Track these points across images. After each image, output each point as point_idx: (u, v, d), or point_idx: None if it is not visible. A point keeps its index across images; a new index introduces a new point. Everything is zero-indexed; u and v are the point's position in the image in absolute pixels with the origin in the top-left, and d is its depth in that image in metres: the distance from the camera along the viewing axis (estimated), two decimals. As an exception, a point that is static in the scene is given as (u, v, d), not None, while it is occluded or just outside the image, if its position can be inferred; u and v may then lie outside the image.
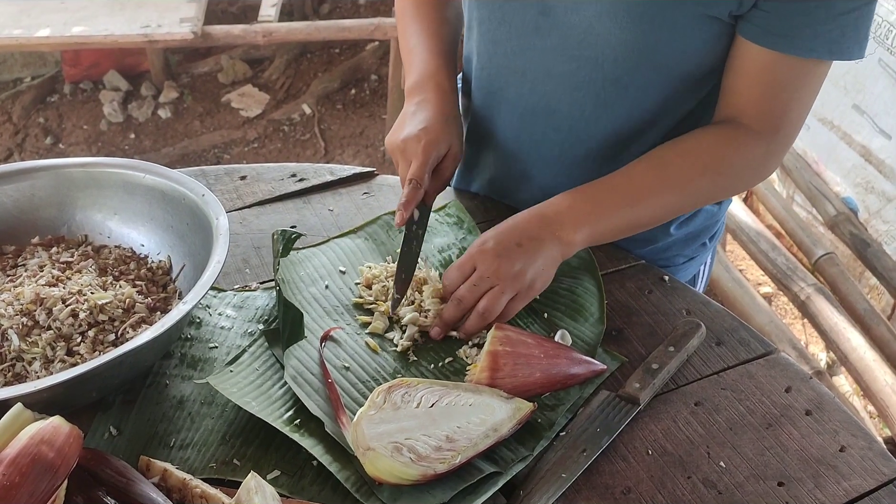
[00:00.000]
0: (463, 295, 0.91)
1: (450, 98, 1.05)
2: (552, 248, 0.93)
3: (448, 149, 1.00)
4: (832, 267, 2.27)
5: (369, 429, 0.77)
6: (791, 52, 0.90)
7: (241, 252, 1.07)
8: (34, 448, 0.65)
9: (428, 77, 1.05)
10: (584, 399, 0.88)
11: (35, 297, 0.87)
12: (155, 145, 3.44)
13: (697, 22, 0.91)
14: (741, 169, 1.00)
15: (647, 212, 0.99)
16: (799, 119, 0.98)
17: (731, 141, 0.98)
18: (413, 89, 1.05)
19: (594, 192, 0.97)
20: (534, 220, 0.95)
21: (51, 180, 1.01)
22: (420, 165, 0.96)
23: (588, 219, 0.96)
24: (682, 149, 0.99)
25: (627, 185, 0.98)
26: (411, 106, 1.03)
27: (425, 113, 1.01)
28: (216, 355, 0.91)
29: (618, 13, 0.92)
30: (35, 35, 2.88)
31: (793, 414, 0.88)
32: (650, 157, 0.99)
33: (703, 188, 1.00)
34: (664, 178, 0.98)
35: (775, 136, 0.98)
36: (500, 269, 0.90)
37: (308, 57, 3.89)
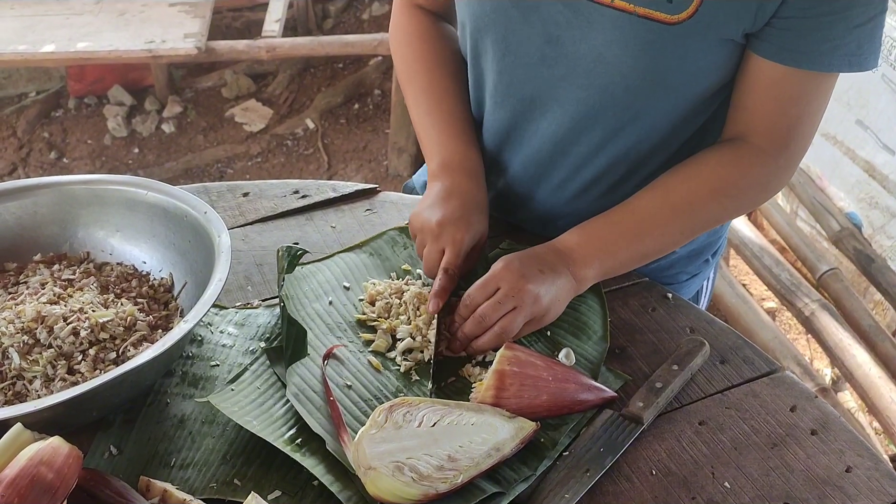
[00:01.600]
0: (486, 313, 0.91)
1: (481, 185, 1.04)
2: (567, 282, 0.94)
3: (479, 237, 1.00)
4: (836, 282, 2.26)
5: (371, 448, 0.77)
6: (810, 67, 0.90)
7: (244, 269, 1.07)
8: (33, 469, 0.65)
9: (457, 161, 1.04)
10: (587, 418, 0.88)
11: (36, 315, 0.87)
12: (158, 160, 3.45)
13: (710, 45, 0.91)
14: (748, 189, 0.99)
15: (656, 242, 0.99)
16: (808, 135, 0.97)
17: (736, 162, 0.97)
18: (441, 172, 1.04)
19: (601, 228, 0.98)
20: (551, 252, 0.96)
21: (53, 197, 1.01)
22: (455, 255, 0.96)
23: (597, 255, 0.96)
24: (687, 174, 0.98)
25: (634, 217, 0.98)
26: (441, 188, 1.01)
27: (460, 200, 1.00)
28: (217, 373, 0.91)
29: (628, 41, 0.91)
30: (40, 50, 2.90)
31: (798, 433, 0.88)
32: (655, 186, 0.99)
33: (711, 212, 1.00)
34: (671, 207, 0.97)
35: (784, 152, 0.97)
36: (523, 289, 0.90)
37: (311, 72, 3.90)
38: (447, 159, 1.05)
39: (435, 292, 0.94)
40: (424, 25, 1.14)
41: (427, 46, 1.13)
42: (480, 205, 1.02)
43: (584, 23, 0.93)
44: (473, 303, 0.92)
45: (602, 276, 0.98)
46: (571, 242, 0.97)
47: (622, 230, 0.98)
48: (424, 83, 1.11)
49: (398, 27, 1.16)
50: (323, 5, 4.10)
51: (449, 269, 0.95)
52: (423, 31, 1.14)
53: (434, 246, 0.98)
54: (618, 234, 0.98)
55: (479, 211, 1.01)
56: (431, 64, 1.12)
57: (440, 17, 1.17)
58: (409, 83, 1.13)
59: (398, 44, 1.16)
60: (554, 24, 0.95)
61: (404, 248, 1.09)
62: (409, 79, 1.13)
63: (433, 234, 0.98)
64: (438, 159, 1.05)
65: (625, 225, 0.98)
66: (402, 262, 1.07)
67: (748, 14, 0.88)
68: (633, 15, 0.90)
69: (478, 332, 0.92)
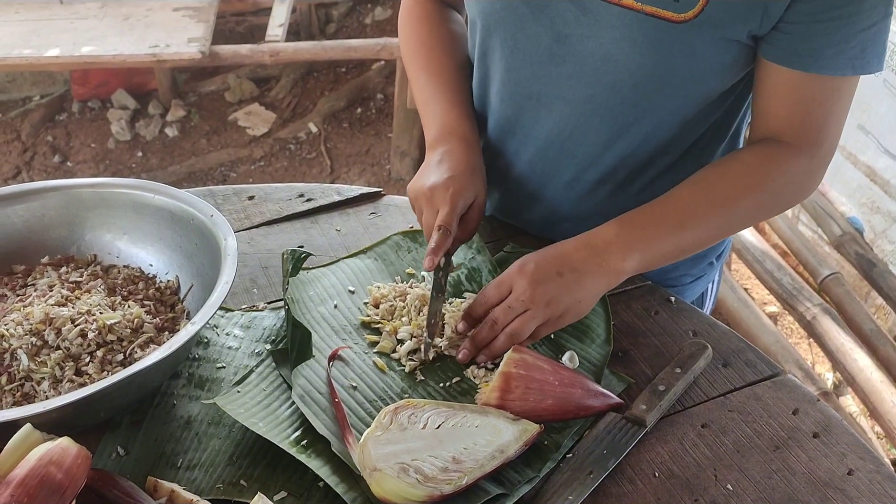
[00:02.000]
0: (498, 317, 0.91)
1: (475, 149, 1.05)
2: (595, 282, 0.93)
3: (474, 198, 1.00)
4: (838, 287, 2.27)
5: (375, 449, 0.77)
6: (816, 70, 0.91)
7: (249, 272, 1.07)
8: (42, 469, 0.66)
9: (451, 129, 1.06)
10: (590, 421, 0.88)
11: (44, 317, 0.88)
12: (162, 163, 3.46)
13: (716, 45, 0.92)
14: (784, 186, 0.99)
15: (695, 235, 0.98)
16: (836, 133, 0.98)
17: (773, 158, 0.97)
18: (436, 140, 1.06)
19: (641, 218, 0.97)
20: (581, 250, 0.94)
21: (61, 200, 1.02)
22: (449, 212, 0.96)
23: (637, 246, 0.95)
24: (725, 170, 0.99)
25: (673, 209, 0.97)
26: (435, 155, 1.03)
27: (451, 163, 1.01)
28: (224, 375, 0.92)
29: (636, 39, 0.92)
30: (45, 55, 2.91)
31: (800, 436, 0.88)
32: (694, 180, 0.99)
33: (748, 208, 0.99)
34: (709, 201, 0.97)
35: (817, 150, 0.97)
36: (534, 294, 0.90)
37: (314, 76, 3.92)
38: (441, 128, 1.07)
39: (430, 249, 0.94)
40: (429, 9, 1.17)
41: (430, 28, 1.16)
42: (474, 167, 1.02)
43: (592, 21, 0.94)
44: (487, 301, 0.93)
45: (641, 268, 0.97)
46: (610, 234, 0.96)
47: (663, 222, 0.97)
48: (424, 60, 1.14)
49: (405, 11, 1.20)
50: (326, 10, 4.12)
51: (442, 226, 0.96)
52: (428, 14, 1.17)
53: (429, 210, 0.98)
54: (658, 226, 0.96)
55: (472, 172, 1.01)
56: (433, 43, 1.15)
57: (447, 4, 1.19)
58: (410, 61, 1.16)
59: (404, 25, 1.19)
60: (562, 22, 0.96)
61: (408, 252, 1.10)
62: (411, 57, 1.16)
63: (426, 198, 0.99)
64: (434, 129, 1.07)
65: (665, 217, 0.97)
66: (407, 266, 1.07)
67: (754, 16, 0.89)
68: (640, 13, 0.91)
69: (491, 337, 0.92)
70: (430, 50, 1.14)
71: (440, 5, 1.18)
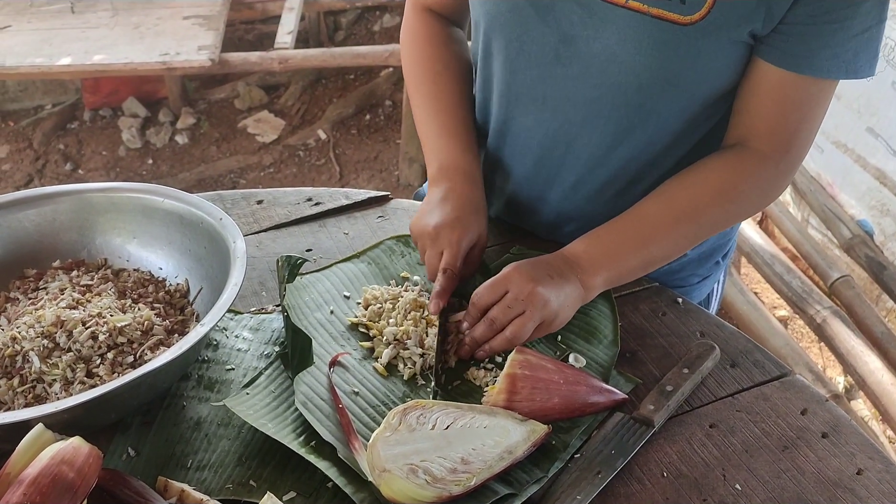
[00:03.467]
0: (496, 316, 0.92)
1: (478, 186, 1.06)
2: (575, 289, 0.95)
3: (478, 239, 1.01)
4: (848, 290, 2.26)
5: (385, 450, 0.78)
6: (810, 72, 0.92)
7: (258, 275, 1.08)
8: (55, 468, 0.66)
9: (454, 164, 1.06)
10: (598, 421, 0.88)
11: (56, 320, 0.89)
12: (172, 170, 3.48)
13: (721, 46, 0.92)
14: (751, 193, 1.00)
15: (662, 249, 1.00)
16: (808, 139, 0.99)
17: (738, 167, 0.99)
18: (438, 176, 1.06)
19: (607, 236, 0.99)
20: (559, 260, 0.97)
21: (72, 205, 1.03)
22: (454, 255, 0.97)
23: (603, 263, 0.97)
24: (690, 181, 1.00)
25: (638, 225, 0.99)
26: (438, 192, 1.03)
27: (455, 202, 1.01)
28: (233, 377, 0.92)
29: (641, 41, 0.93)
30: (57, 63, 2.94)
31: (809, 436, 0.88)
32: (659, 193, 1.00)
33: (714, 217, 1.01)
34: (674, 213, 0.99)
35: (785, 155, 0.99)
36: (533, 293, 0.91)
37: (323, 83, 3.93)
38: (444, 163, 1.07)
39: (436, 293, 0.95)
40: (434, 29, 1.16)
41: (434, 50, 1.15)
42: (477, 206, 1.03)
43: (598, 22, 0.94)
44: (481, 302, 0.93)
45: (609, 284, 0.99)
46: (578, 251, 0.98)
47: (627, 238, 0.99)
48: (428, 88, 1.13)
49: (408, 29, 1.19)
50: (334, 17, 4.14)
51: (448, 269, 0.97)
52: (432, 34, 1.16)
53: (433, 250, 0.99)
54: (623, 242, 0.99)
55: (475, 212, 1.02)
56: (439, 67, 1.14)
57: (451, 21, 1.19)
58: (414, 88, 1.16)
59: (407, 46, 1.18)
60: (568, 24, 0.97)
61: (402, 256, 1.10)
62: (415, 83, 1.15)
63: (431, 238, 0.99)
64: (437, 164, 1.08)
65: (630, 233, 0.99)
66: (401, 270, 1.08)
67: (758, 17, 0.89)
68: (646, 15, 0.91)
69: (489, 335, 0.93)
70: (434, 76, 1.13)
71: (443, 23, 1.18)
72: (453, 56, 1.15)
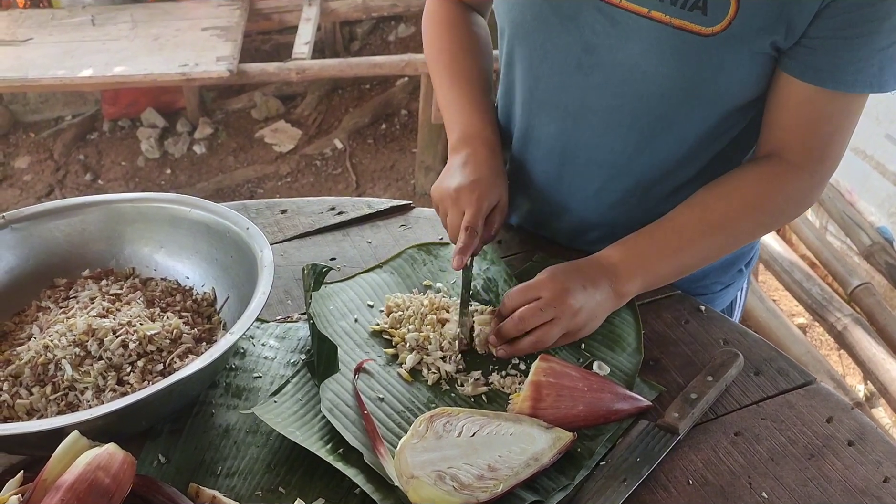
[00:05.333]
0: (526, 316, 0.93)
1: (498, 153, 1.08)
2: (606, 300, 0.96)
3: (498, 201, 1.03)
4: (869, 297, 2.25)
5: (412, 457, 0.78)
6: (834, 87, 0.92)
7: (283, 284, 1.09)
8: (91, 474, 0.67)
9: (475, 132, 1.08)
10: (623, 429, 0.89)
11: (87, 329, 0.90)
12: (190, 180, 3.51)
13: (743, 58, 0.93)
14: (783, 204, 1.01)
15: (694, 256, 1.01)
16: (840, 151, 0.99)
17: (771, 178, 0.99)
18: (459, 143, 1.08)
19: (642, 243, 1.00)
20: (595, 266, 0.98)
21: (101, 215, 1.05)
22: (475, 213, 0.99)
23: (639, 271, 0.98)
24: (724, 191, 1.00)
25: (672, 232, 1.00)
26: (459, 158, 1.06)
27: (475, 165, 1.04)
28: (260, 385, 0.93)
29: (663, 51, 0.94)
30: (78, 75, 2.97)
31: (835, 444, 0.88)
32: (693, 202, 1.01)
33: (747, 227, 1.01)
34: (708, 222, 0.99)
35: (818, 168, 0.99)
36: (565, 302, 0.92)
37: (339, 93, 3.96)
38: (464, 132, 1.09)
39: (458, 249, 0.97)
40: (453, 13, 1.19)
41: (454, 32, 1.18)
42: (496, 170, 1.05)
43: (620, 32, 0.95)
44: (513, 303, 0.94)
45: (643, 289, 1.00)
46: (615, 258, 0.99)
47: (662, 246, 1.00)
48: (448, 64, 1.16)
49: (429, 15, 1.22)
50: (350, 28, 4.17)
51: (469, 227, 0.98)
52: (452, 18, 1.19)
53: (454, 211, 1.01)
54: (658, 250, 0.99)
55: (495, 175, 1.04)
56: (456, 47, 1.17)
57: (471, 7, 1.21)
58: (434, 65, 1.18)
59: (427, 29, 1.21)
60: (591, 33, 0.98)
61: (424, 265, 1.11)
62: (435, 61, 1.18)
63: (452, 199, 1.01)
64: (457, 132, 1.10)
65: (665, 241, 1.00)
66: (423, 278, 1.09)
67: (779, 29, 0.90)
68: (668, 26, 0.92)
69: (514, 333, 0.94)
70: (454, 55, 1.16)
71: (464, 8, 1.20)
72: (472, 37, 1.18)
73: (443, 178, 1.05)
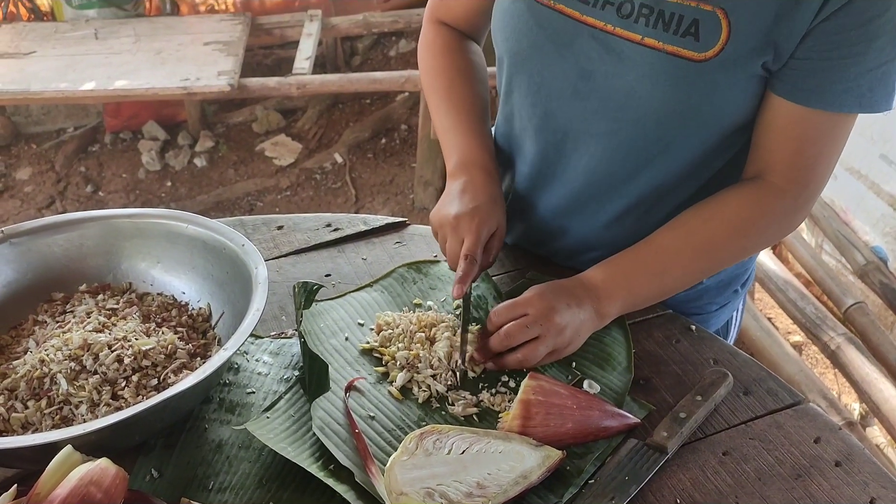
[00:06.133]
0: (512, 332, 0.94)
1: (495, 179, 1.09)
2: (590, 319, 0.98)
3: (497, 227, 1.04)
4: (863, 316, 2.26)
5: (402, 474, 0.79)
6: (822, 107, 0.93)
7: (278, 300, 1.10)
8: (83, 489, 0.68)
9: (472, 159, 1.10)
10: (612, 447, 0.90)
11: (83, 343, 0.91)
12: (190, 193, 3.53)
13: (737, 81, 0.94)
14: (767, 227, 1.02)
15: (677, 279, 1.02)
16: (826, 173, 1.00)
17: (756, 201, 1.00)
18: (457, 170, 1.09)
19: (625, 265, 1.01)
20: (578, 286, 0.99)
21: (99, 230, 1.06)
22: (474, 242, 1.00)
23: (619, 292, 1.00)
24: (708, 214, 1.01)
25: (656, 255, 1.01)
26: (457, 184, 1.07)
27: (474, 193, 1.05)
28: (253, 400, 0.94)
29: (658, 77, 0.95)
30: (81, 88, 3.00)
31: (822, 465, 0.89)
32: (677, 225, 1.02)
33: (730, 250, 1.03)
34: (691, 245, 1.01)
35: (803, 191, 1.00)
36: (550, 319, 0.94)
37: (340, 107, 3.99)
38: (462, 158, 1.10)
39: (458, 278, 0.98)
40: (448, 40, 1.21)
41: (450, 59, 1.19)
42: (495, 196, 1.06)
43: (615, 59, 0.97)
44: (499, 321, 0.96)
45: (624, 311, 1.02)
46: (597, 279, 1.00)
47: (645, 268, 1.01)
48: (444, 90, 1.18)
49: (424, 41, 1.24)
50: (351, 43, 4.20)
51: (469, 255, 0.99)
52: (448, 45, 1.21)
53: (453, 238, 1.02)
54: (640, 272, 1.01)
55: (493, 202, 1.05)
56: (452, 73, 1.18)
57: (466, 34, 1.23)
58: (431, 91, 1.20)
59: (424, 56, 1.23)
60: (587, 59, 0.99)
61: (414, 283, 1.12)
62: (432, 87, 1.20)
63: (451, 227, 1.02)
64: (455, 159, 1.11)
65: (647, 263, 1.01)
66: (413, 297, 1.10)
67: (768, 51, 0.91)
68: (662, 52, 0.93)
69: (500, 348, 0.95)
70: (450, 80, 1.17)
71: (459, 36, 1.22)
72: (468, 63, 1.19)
73: (441, 204, 1.06)
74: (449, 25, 1.22)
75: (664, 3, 0.93)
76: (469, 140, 1.12)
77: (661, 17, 0.93)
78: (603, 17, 0.97)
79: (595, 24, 0.97)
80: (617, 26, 0.96)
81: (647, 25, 0.94)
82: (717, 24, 0.91)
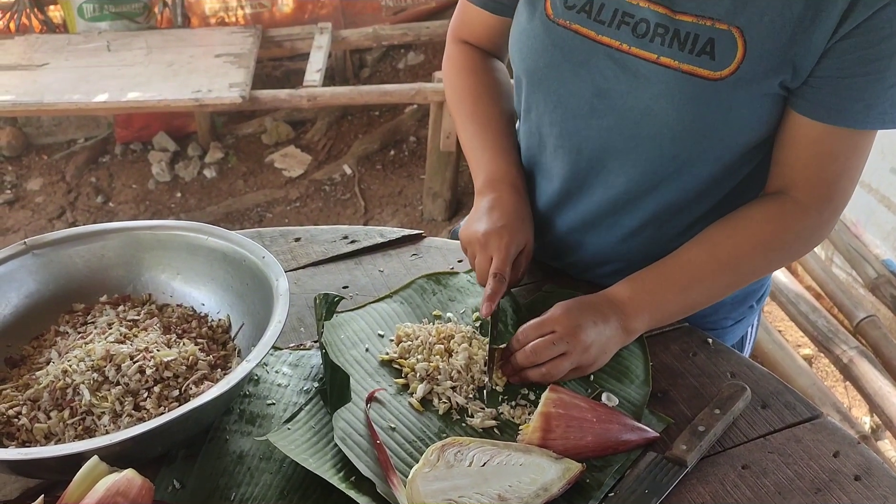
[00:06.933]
0: (538, 349, 0.94)
1: (523, 196, 1.11)
2: (616, 336, 0.98)
3: (525, 245, 1.05)
4: (874, 330, 2.25)
5: (424, 486, 0.80)
6: (844, 124, 0.93)
7: (296, 311, 1.11)
8: (110, 499, 0.69)
9: (500, 176, 1.11)
10: (631, 460, 0.90)
11: (105, 354, 0.92)
12: (200, 204, 3.55)
13: (752, 100, 0.94)
14: (792, 243, 1.02)
15: (703, 294, 1.03)
16: (849, 189, 1.00)
17: (780, 216, 1.00)
18: (485, 187, 1.11)
19: (650, 280, 1.02)
20: (605, 303, 1.00)
21: (120, 242, 1.07)
22: (503, 260, 1.01)
23: (646, 308, 1.00)
24: (733, 229, 1.02)
25: (682, 271, 1.02)
26: (486, 202, 1.08)
27: (502, 210, 1.06)
28: (273, 412, 0.95)
29: (674, 95, 0.96)
30: (93, 100, 3.02)
31: (841, 479, 0.89)
32: (702, 240, 1.03)
33: (755, 265, 1.03)
34: (717, 260, 1.01)
35: (827, 206, 1.00)
36: (577, 337, 0.94)
37: (349, 119, 4.01)
38: (490, 175, 1.11)
39: (487, 296, 0.99)
40: (472, 59, 1.22)
41: (475, 77, 1.20)
42: (523, 214, 1.07)
43: (631, 77, 0.98)
44: (526, 339, 0.96)
45: (651, 326, 1.02)
46: (623, 295, 1.00)
47: (671, 283, 1.01)
48: (471, 109, 1.19)
49: (449, 60, 1.25)
50: (360, 55, 4.23)
51: (498, 273, 1.00)
52: (472, 63, 1.22)
53: (482, 255, 1.03)
54: (667, 287, 1.01)
55: (522, 220, 1.06)
56: (478, 91, 1.19)
57: (489, 52, 1.24)
58: (457, 110, 1.21)
59: (449, 75, 1.24)
60: (602, 78, 1.00)
61: (433, 294, 1.13)
62: (458, 106, 1.21)
63: (480, 244, 1.03)
64: (483, 176, 1.12)
65: (673, 278, 1.01)
66: (433, 308, 1.10)
67: (786, 70, 0.92)
68: (677, 71, 0.94)
69: (526, 364, 0.95)
70: (476, 98, 1.18)
71: (483, 54, 1.23)
72: (493, 81, 1.21)
73: (470, 221, 1.07)
74: (472, 44, 1.23)
75: (679, 22, 0.93)
76: (496, 157, 1.13)
77: (677, 37, 0.94)
78: (618, 36, 0.97)
79: (611, 44, 0.98)
80: (633, 46, 0.96)
81: (662, 45, 0.94)
82: (733, 42, 0.91)
